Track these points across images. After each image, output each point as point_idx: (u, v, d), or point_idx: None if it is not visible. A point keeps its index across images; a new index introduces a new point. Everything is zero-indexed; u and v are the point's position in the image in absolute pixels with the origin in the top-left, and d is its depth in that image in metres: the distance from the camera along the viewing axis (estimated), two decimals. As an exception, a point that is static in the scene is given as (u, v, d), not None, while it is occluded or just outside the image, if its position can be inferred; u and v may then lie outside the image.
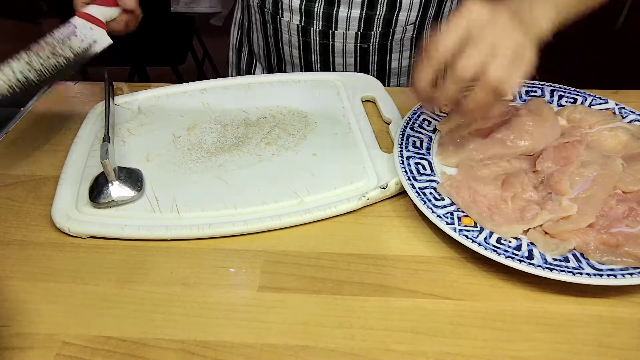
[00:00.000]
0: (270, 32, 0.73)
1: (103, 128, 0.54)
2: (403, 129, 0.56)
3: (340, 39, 0.69)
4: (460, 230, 0.45)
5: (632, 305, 0.41)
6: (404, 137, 0.55)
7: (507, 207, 0.47)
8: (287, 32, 0.71)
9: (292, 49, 0.72)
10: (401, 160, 0.52)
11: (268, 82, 0.68)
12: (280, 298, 0.42)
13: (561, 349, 0.38)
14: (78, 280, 0.44)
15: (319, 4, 0.66)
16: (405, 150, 0.53)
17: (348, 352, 0.38)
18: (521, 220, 0.46)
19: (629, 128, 0.54)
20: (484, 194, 0.49)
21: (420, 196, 0.48)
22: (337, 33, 0.68)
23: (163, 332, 0.40)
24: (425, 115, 0.59)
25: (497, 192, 0.49)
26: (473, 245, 0.43)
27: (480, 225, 0.45)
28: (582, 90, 0.61)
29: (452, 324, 0.40)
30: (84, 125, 0.60)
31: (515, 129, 0.54)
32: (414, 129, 0.57)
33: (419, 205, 0.47)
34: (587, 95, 0.61)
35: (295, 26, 0.69)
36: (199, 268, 0.45)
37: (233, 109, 0.63)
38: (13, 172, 0.55)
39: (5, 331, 0.40)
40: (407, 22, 0.68)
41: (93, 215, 0.48)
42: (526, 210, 0.46)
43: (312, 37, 0.70)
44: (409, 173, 0.50)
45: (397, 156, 0.52)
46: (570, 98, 0.61)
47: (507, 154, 0.53)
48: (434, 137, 0.56)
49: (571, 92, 0.62)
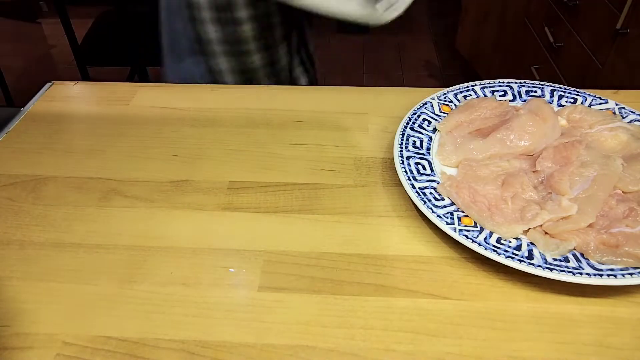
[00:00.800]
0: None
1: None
2: (403, 129, 0.56)
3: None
4: (460, 230, 0.45)
5: (632, 305, 0.41)
6: (404, 137, 0.55)
7: (507, 207, 0.47)
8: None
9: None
10: (401, 160, 0.52)
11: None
12: (280, 298, 0.42)
13: (561, 349, 0.38)
14: (78, 280, 0.44)
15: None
16: (405, 150, 0.53)
17: (348, 352, 0.38)
18: (521, 220, 0.46)
19: (629, 128, 0.54)
20: (483, 194, 0.49)
21: (420, 196, 0.48)
22: None
23: (163, 332, 0.40)
24: (425, 115, 0.59)
25: (497, 192, 0.49)
26: (473, 245, 0.43)
27: (480, 225, 0.45)
28: (582, 90, 0.61)
29: (452, 324, 0.40)
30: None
31: (515, 129, 0.54)
32: (414, 129, 0.57)
33: (419, 205, 0.47)
34: (587, 95, 0.61)
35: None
36: (199, 268, 0.45)
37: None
38: (13, 172, 0.55)
39: (5, 331, 0.40)
40: None
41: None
42: (526, 210, 0.46)
43: None
44: (409, 173, 0.50)
45: (397, 156, 0.52)
46: (570, 98, 0.61)
47: (507, 154, 0.53)
48: (434, 137, 0.56)
49: (571, 92, 0.62)
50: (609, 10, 1.26)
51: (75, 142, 0.60)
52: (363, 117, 0.63)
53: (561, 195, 0.47)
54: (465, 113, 0.59)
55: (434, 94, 0.62)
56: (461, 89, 0.63)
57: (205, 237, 0.48)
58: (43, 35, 2.67)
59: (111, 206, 0.51)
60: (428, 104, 0.60)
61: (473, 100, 0.61)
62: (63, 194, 0.52)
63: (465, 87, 0.63)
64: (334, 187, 0.53)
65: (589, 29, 1.36)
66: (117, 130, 0.61)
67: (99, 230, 0.48)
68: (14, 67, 2.33)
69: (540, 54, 1.62)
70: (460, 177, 0.51)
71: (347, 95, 0.67)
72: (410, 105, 0.60)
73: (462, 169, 0.52)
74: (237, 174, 0.55)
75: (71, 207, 0.51)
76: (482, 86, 0.64)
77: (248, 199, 0.52)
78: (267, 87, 0.70)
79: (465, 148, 0.54)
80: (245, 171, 0.55)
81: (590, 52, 1.33)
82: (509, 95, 0.63)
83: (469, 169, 0.52)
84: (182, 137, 0.60)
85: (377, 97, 0.67)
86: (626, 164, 0.50)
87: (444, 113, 0.59)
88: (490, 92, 0.63)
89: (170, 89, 0.69)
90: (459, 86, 0.63)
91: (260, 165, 0.56)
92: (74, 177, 0.55)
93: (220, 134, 0.61)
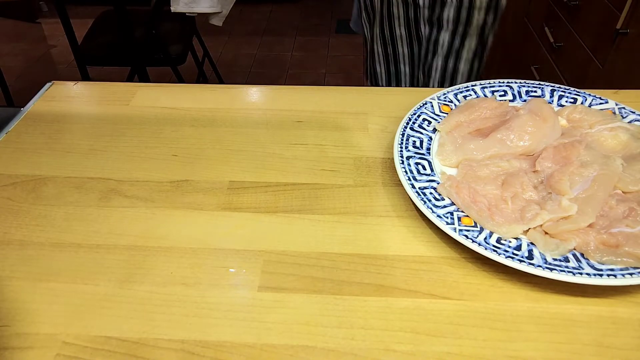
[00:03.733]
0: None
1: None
2: (403, 129, 0.56)
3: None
4: (460, 230, 0.45)
5: (632, 305, 0.41)
6: (404, 137, 0.55)
7: (507, 207, 0.47)
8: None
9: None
10: (401, 160, 0.52)
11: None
12: (280, 298, 0.42)
13: (561, 349, 0.38)
14: (78, 280, 0.44)
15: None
16: (405, 150, 0.53)
17: (348, 352, 0.38)
18: (521, 220, 0.46)
19: (629, 128, 0.55)
20: (483, 194, 0.49)
21: (420, 196, 0.48)
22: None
23: (163, 332, 0.40)
24: (425, 115, 0.59)
25: (497, 192, 0.49)
26: (473, 245, 0.43)
27: (480, 226, 0.45)
28: (582, 90, 0.61)
29: (452, 324, 0.40)
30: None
31: (515, 129, 0.54)
32: (414, 129, 0.57)
33: (419, 205, 0.47)
34: (587, 95, 0.61)
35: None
36: (199, 268, 0.45)
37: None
38: (13, 172, 0.55)
39: (5, 331, 0.40)
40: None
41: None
42: (526, 210, 0.46)
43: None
44: (409, 173, 0.50)
45: (397, 156, 0.52)
46: (570, 98, 0.61)
47: (507, 154, 0.54)
48: (434, 137, 0.56)
49: (571, 92, 0.62)
50: (609, 10, 1.26)
51: (75, 142, 0.60)
52: (363, 117, 0.63)
53: (561, 195, 0.47)
54: (465, 113, 0.59)
55: (434, 94, 0.62)
56: (461, 89, 0.63)
57: (205, 237, 0.48)
58: (43, 35, 2.67)
59: (111, 206, 0.51)
60: (428, 104, 0.60)
61: (473, 100, 0.61)
62: (63, 194, 0.52)
63: (465, 87, 0.63)
64: (334, 187, 0.53)
65: (589, 29, 1.36)
66: (117, 130, 0.61)
67: (99, 230, 0.48)
68: (14, 67, 2.33)
69: (540, 54, 1.62)
70: (460, 177, 0.51)
71: (347, 95, 0.67)
72: (410, 105, 0.60)
73: (462, 169, 0.52)
74: (237, 174, 0.55)
75: (71, 207, 0.51)
76: (482, 86, 0.64)
77: (248, 199, 0.52)
78: (267, 87, 0.70)
79: (465, 148, 0.54)
80: (245, 171, 0.55)
81: (590, 52, 1.33)
82: (509, 95, 0.63)
83: (469, 169, 0.52)
84: (182, 137, 0.60)
85: (377, 97, 0.67)
86: (626, 164, 0.50)
87: (444, 113, 0.59)
88: (491, 92, 0.63)
89: (170, 89, 0.69)
90: (458, 86, 0.63)
91: (260, 165, 0.56)
92: (74, 177, 0.55)
93: (220, 134, 0.61)
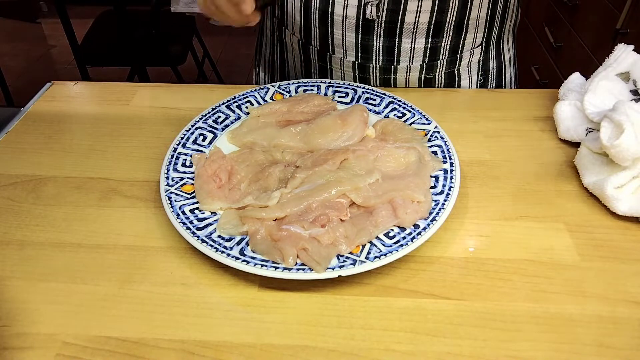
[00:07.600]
0: (316, 70, 0.69)
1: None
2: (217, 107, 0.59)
3: (403, 73, 0.65)
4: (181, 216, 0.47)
5: (632, 305, 0.41)
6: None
7: (227, 187, 0.50)
8: (339, 69, 0.66)
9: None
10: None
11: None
12: (280, 298, 0.42)
13: (561, 349, 0.38)
14: (78, 280, 0.44)
15: (377, 38, 0.61)
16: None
17: (348, 352, 0.38)
18: (225, 199, 0.49)
19: (420, 151, 0.53)
20: (234, 173, 0.52)
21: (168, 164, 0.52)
22: (400, 67, 0.64)
23: (163, 332, 0.40)
24: (252, 99, 0.62)
25: (242, 174, 0.52)
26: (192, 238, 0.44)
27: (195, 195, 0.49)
28: (417, 108, 0.59)
29: (452, 324, 0.40)
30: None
31: (314, 128, 0.56)
32: (231, 109, 0.59)
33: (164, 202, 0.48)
34: (417, 112, 0.59)
35: (350, 63, 0.65)
36: (199, 268, 0.45)
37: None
38: (13, 172, 0.55)
39: (5, 331, 0.40)
40: (474, 45, 0.65)
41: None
42: (238, 194, 0.50)
43: (372, 73, 0.65)
44: None
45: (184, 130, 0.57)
46: (400, 112, 0.60)
47: (292, 147, 0.55)
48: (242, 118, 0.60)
49: (406, 107, 0.60)
50: (609, 10, 1.26)
51: (75, 142, 0.60)
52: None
53: (270, 190, 0.49)
54: (288, 104, 0.60)
55: (278, 83, 0.64)
56: (308, 83, 0.64)
57: (205, 237, 0.48)
58: (43, 35, 2.67)
59: (111, 206, 0.51)
60: (265, 89, 0.63)
61: (305, 95, 0.62)
62: (63, 194, 0.52)
63: (312, 82, 0.64)
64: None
65: (589, 29, 1.36)
66: (117, 130, 0.61)
67: (99, 230, 0.48)
68: (14, 67, 2.33)
69: (540, 54, 1.62)
70: (234, 154, 0.54)
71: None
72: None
73: (243, 149, 0.55)
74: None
75: (71, 207, 0.51)
76: (328, 85, 0.64)
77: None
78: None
79: (261, 132, 0.56)
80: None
81: (590, 52, 1.33)
82: (348, 98, 0.62)
83: (248, 152, 0.54)
84: (182, 137, 0.60)
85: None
86: (383, 181, 0.49)
87: (273, 100, 0.62)
88: (333, 91, 0.63)
89: (170, 89, 0.69)
90: (305, 80, 0.65)
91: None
92: (74, 177, 0.55)
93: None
